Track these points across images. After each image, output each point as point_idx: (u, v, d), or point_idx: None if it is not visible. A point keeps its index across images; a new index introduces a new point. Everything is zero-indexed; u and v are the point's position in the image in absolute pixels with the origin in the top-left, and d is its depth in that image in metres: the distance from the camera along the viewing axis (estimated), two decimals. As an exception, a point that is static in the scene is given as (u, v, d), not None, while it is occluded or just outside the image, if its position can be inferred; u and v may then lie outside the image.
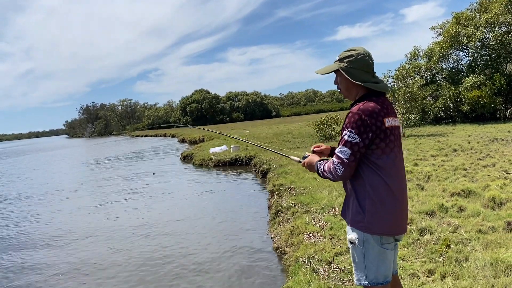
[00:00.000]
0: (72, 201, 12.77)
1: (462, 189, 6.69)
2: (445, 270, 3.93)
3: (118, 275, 6.07)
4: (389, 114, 2.42)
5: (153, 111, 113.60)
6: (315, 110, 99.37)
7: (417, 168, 9.30)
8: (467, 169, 8.80)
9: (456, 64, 24.46)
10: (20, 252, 7.77)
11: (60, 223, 9.82)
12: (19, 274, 6.57)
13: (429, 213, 5.71)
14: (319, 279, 4.25)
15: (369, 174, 2.37)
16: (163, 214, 9.73)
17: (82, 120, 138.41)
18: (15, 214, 11.51)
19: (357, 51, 2.47)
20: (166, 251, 6.94)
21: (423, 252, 4.53)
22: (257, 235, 7.29)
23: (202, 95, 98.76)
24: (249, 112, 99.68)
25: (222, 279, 5.53)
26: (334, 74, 2.60)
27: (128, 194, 12.88)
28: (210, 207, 10.09)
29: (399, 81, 18.46)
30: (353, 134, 2.33)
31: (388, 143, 2.37)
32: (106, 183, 16.08)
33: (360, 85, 2.46)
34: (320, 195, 7.66)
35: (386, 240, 2.42)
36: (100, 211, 10.66)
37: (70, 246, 7.81)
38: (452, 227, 5.08)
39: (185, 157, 21.72)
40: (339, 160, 2.38)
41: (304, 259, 4.84)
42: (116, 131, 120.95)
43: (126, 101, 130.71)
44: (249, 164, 16.05)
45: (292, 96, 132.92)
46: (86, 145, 64.99)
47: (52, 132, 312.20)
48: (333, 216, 6.26)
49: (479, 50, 22.87)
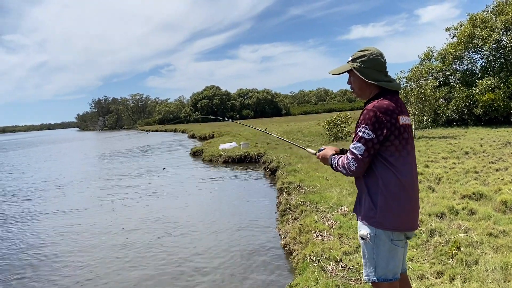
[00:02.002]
0: (78, 194, 12.91)
1: (473, 192, 6.63)
2: (454, 272, 3.91)
3: (125, 270, 6.13)
4: (402, 112, 2.48)
5: (164, 106, 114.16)
6: (326, 109, 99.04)
7: (428, 170, 9.24)
8: (478, 172, 8.72)
9: (470, 66, 24.18)
10: (44, 245, 7.90)
11: (63, 223, 9.94)
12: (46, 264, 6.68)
13: (439, 215, 5.68)
14: (327, 277, 4.26)
15: (382, 170, 2.41)
16: (170, 210, 9.80)
17: (93, 113, 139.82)
18: (44, 201, 11.69)
19: (370, 51, 2.52)
20: (172, 247, 6.99)
21: (432, 253, 4.51)
22: (265, 232, 7.31)
23: (213, 92, 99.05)
24: (259, 109, 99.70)
25: (229, 275, 5.55)
26: (347, 74, 2.65)
27: (136, 189, 12.99)
28: (218, 203, 10.14)
29: (412, 82, 18.31)
30: (367, 131, 2.37)
31: (401, 140, 2.42)
32: (116, 176, 16.22)
33: (373, 84, 2.52)
34: (329, 194, 7.65)
35: (398, 236, 2.46)
36: (109, 205, 10.77)
37: (76, 242, 7.91)
38: (462, 230, 5.04)
39: (195, 152, 21.82)
40: (353, 155, 2.43)
41: (312, 257, 4.85)
42: (127, 125, 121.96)
43: (137, 96, 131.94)
44: (258, 162, 16.08)
45: (303, 94, 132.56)
46: (97, 138, 65.60)
47: (63, 125, 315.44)
48: (342, 216, 6.26)
49: (494, 53, 22.55)
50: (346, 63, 2.60)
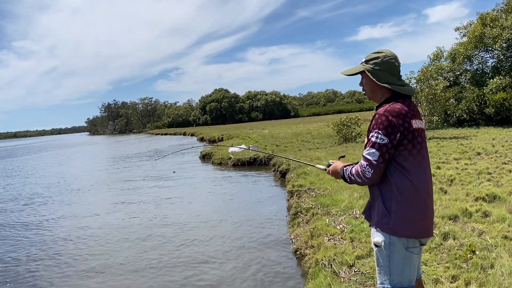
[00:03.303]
0: (92, 197, 13.01)
1: (487, 194, 6.54)
2: (470, 276, 3.86)
3: (135, 271, 6.16)
4: (415, 116, 2.43)
5: (173, 109, 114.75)
6: (335, 111, 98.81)
7: (440, 171, 9.14)
8: (491, 173, 8.61)
9: (480, 66, 23.91)
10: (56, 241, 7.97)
11: (69, 226, 10.01)
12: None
13: (452, 218, 5.61)
14: (340, 282, 4.23)
15: (396, 176, 2.36)
16: (181, 213, 9.82)
17: (103, 117, 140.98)
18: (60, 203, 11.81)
19: (384, 53, 2.48)
20: (181, 249, 7.00)
21: (446, 257, 4.46)
22: (276, 236, 7.29)
23: (222, 94, 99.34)
24: (268, 111, 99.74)
25: (240, 280, 5.55)
26: (359, 76, 2.62)
27: (147, 191, 13.04)
28: (228, 207, 10.13)
29: (421, 83, 18.15)
30: (381, 135, 2.32)
31: (415, 144, 2.37)
32: (126, 180, 16.30)
33: (385, 87, 2.47)
34: (340, 197, 7.61)
35: (413, 243, 2.41)
36: (120, 209, 10.84)
37: (85, 243, 7.96)
38: (476, 233, 4.98)
39: (204, 156, 21.86)
40: (368, 162, 2.37)
41: (324, 262, 4.81)
42: (136, 129, 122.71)
43: (147, 100, 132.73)
44: (268, 164, 16.05)
45: (312, 96, 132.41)
46: (107, 142, 66.07)
47: (74, 129, 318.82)
48: (354, 219, 6.21)
49: (505, 52, 22.29)
50: (360, 64, 2.57)
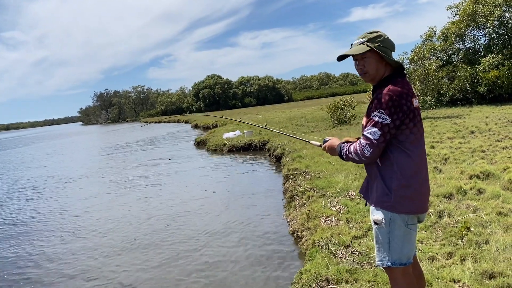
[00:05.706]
0: (86, 188, 12.98)
1: (481, 171, 6.59)
2: (465, 253, 3.91)
3: (134, 261, 6.18)
4: (414, 95, 2.47)
5: (166, 97, 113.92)
6: (328, 94, 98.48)
7: (434, 150, 9.19)
8: (485, 151, 8.67)
9: (473, 44, 23.85)
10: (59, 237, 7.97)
11: (70, 217, 10.01)
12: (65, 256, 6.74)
13: (447, 196, 5.65)
14: (337, 262, 4.26)
15: (398, 154, 2.39)
16: (178, 199, 9.82)
17: (96, 107, 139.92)
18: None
19: (381, 32, 2.50)
20: (179, 234, 7.03)
21: (442, 235, 4.50)
22: (272, 219, 7.32)
23: (214, 81, 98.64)
24: (262, 96, 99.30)
25: (238, 263, 5.58)
26: (351, 58, 2.57)
27: (144, 180, 13.03)
28: (224, 192, 10.15)
29: (414, 63, 18.16)
30: (384, 115, 2.33)
31: (416, 123, 2.41)
32: (123, 168, 16.27)
33: (387, 65, 2.49)
34: (335, 179, 7.63)
35: (412, 220, 2.45)
36: (118, 199, 10.83)
37: (83, 235, 7.97)
38: (471, 210, 5.03)
39: (199, 142, 21.81)
40: (368, 141, 2.37)
41: (321, 243, 4.84)
42: (130, 117, 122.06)
43: (139, 88, 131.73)
44: (263, 149, 16.05)
45: (305, 79, 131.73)
46: (101, 131, 65.72)
47: (66, 120, 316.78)
48: (350, 200, 6.25)
49: (497, 30, 22.22)
50: (359, 45, 2.49)
